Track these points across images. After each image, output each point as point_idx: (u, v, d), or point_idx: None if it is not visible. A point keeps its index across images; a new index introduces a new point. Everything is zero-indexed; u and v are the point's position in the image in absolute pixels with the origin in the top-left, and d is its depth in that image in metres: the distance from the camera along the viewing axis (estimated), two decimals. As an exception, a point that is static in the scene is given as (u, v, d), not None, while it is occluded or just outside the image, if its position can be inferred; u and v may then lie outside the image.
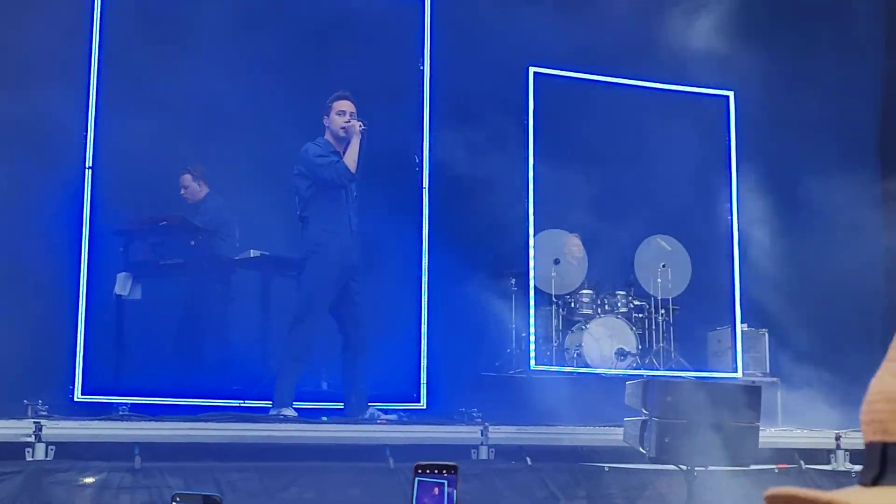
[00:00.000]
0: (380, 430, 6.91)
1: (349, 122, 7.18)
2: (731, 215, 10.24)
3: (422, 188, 8.07)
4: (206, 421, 6.79)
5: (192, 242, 8.54)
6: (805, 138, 11.49)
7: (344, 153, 7.20)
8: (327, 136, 7.32)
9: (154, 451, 6.44)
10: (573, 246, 10.64)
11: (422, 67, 8.15)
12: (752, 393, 6.40)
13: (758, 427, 6.33)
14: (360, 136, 7.16)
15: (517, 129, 9.62)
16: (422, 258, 8.28)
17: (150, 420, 6.83)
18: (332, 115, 7.27)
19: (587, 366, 10.09)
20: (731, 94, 10.47)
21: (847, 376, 11.87)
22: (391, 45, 8.89)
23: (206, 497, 2.34)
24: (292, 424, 6.77)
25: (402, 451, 6.75)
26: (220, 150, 9.18)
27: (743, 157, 10.48)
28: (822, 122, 11.90)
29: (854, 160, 12.54)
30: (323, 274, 7.24)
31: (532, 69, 9.63)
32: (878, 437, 0.90)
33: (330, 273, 7.17)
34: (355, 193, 7.31)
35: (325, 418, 7.23)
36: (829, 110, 11.82)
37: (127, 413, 7.10)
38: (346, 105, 7.26)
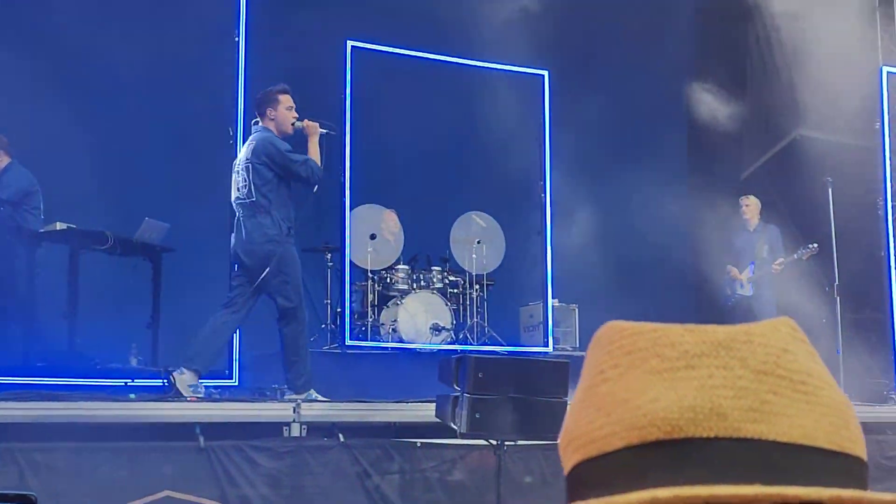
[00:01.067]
0: (189, 407, 6.77)
1: (300, 118, 7.31)
2: (545, 193, 10.41)
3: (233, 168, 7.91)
4: (7, 400, 6.53)
5: (-7, 214, 8.21)
6: (616, 117, 11.81)
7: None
8: (271, 127, 7.30)
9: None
10: (390, 221, 10.66)
11: (237, 39, 7.98)
12: (561, 369, 6.53)
13: (566, 402, 6.46)
14: (317, 135, 7.29)
15: (335, 103, 9.54)
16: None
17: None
18: (281, 108, 7.28)
19: (402, 341, 10.15)
20: (545, 73, 10.62)
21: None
22: (205, 18, 8.70)
23: (20, 497, 2.23)
24: (98, 403, 6.57)
25: (213, 429, 6.66)
26: (29, 121, 8.84)
27: (557, 136, 10.65)
28: (632, 95, 12.27)
29: (664, 140, 13.00)
30: (297, 260, 7.38)
31: (350, 43, 9.55)
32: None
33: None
34: None
35: (133, 395, 7.06)
36: (640, 79, 12.22)
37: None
38: (291, 100, 7.32)
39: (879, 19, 12.99)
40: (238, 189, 7.28)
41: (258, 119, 7.41)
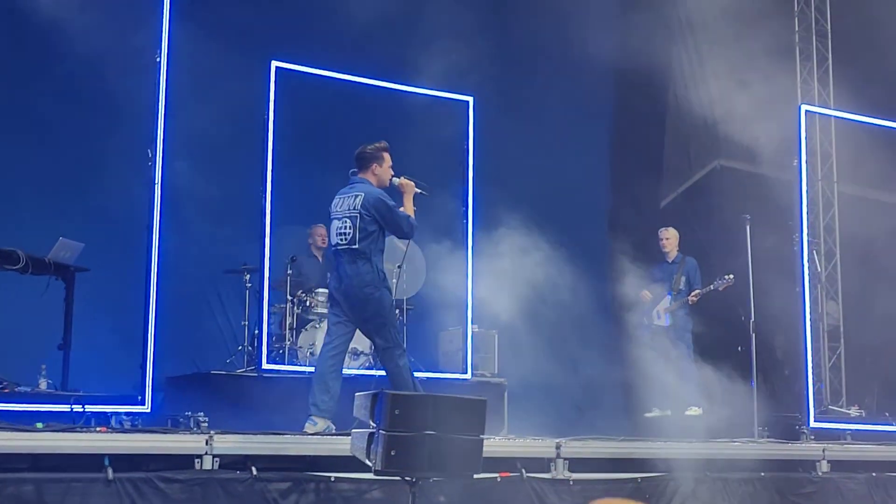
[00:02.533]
0: (98, 438, 6.61)
1: (399, 177, 7.92)
2: (467, 220, 10.39)
3: (154, 183, 7.77)
4: None
5: None
6: (539, 143, 11.86)
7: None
8: (373, 181, 7.88)
9: None
10: (317, 237, 10.65)
11: (158, 59, 7.83)
12: (478, 407, 6.49)
13: (482, 440, 6.44)
14: (412, 193, 7.93)
15: (259, 124, 9.43)
16: (151, 251, 7.94)
17: None
18: (385, 165, 7.91)
19: (320, 365, 10.04)
20: (471, 98, 10.60)
21: (575, 381, 12.38)
22: (126, 34, 8.55)
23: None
24: (2, 433, 6.38)
25: (123, 461, 6.52)
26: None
27: (481, 162, 10.64)
28: (555, 122, 12.35)
29: (586, 166, 13.08)
30: (393, 303, 8.00)
31: (274, 63, 9.46)
32: None
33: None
34: None
35: (39, 424, 6.87)
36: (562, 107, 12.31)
37: None
38: (390, 158, 7.95)
39: (798, 56, 13.23)
40: (340, 235, 7.81)
41: (357, 171, 7.96)
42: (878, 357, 12.59)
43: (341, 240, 7.80)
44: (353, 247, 7.73)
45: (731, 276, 10.57)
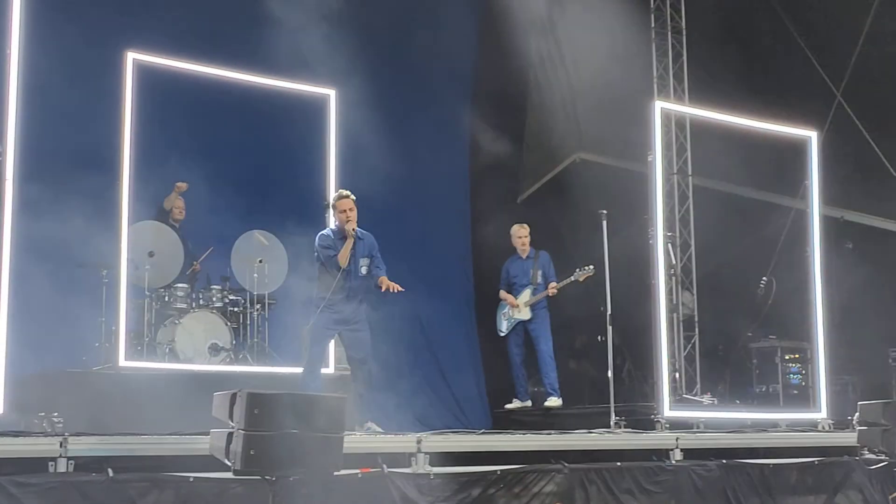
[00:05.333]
0: (-54, 442, 6.43)
1: (348, 221, 8.83)
2: (326, 213, 10.35)
3: (3, 179, 7.52)
4: None
5: None
6: (400, 137, 11.90)
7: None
8: (333, 225, 9.04)
9: None
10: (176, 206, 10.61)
11: (9, 51, 7.58)
12: (338, 405, 6.50)
13: (342, 437, 6.45)
14: (352, 238, 8.77)
15: (115, 117, 9.24)
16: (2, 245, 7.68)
17: None
18: (337, 212, 8.92)
19: (180, 361, 9.93)
20: (332, 92, 10.57)
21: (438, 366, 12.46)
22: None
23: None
24: None
25: (-28, 465, 6.34)
26: None
27: (347, 152, 10.61)
28: (418, 120, 12.42)
29: (447, 154, 13.19)
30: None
31: (131, 55, 9.27)
32: None
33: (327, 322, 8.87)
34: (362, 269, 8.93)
35: None
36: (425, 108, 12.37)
37: None
38: (347, 203, 8.91)
39: (654, 51, 13.52)
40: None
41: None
42: (729, 345, 13.00)
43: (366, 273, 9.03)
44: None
45: (592, 267, 10.76)
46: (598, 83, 13.20)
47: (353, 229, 8.85)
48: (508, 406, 11.53)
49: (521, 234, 11.44)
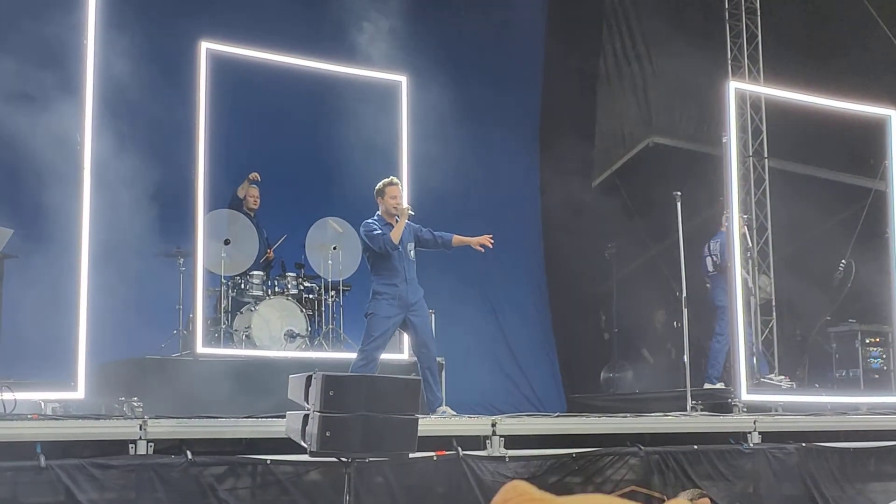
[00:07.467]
0: (30, 426, 6.54)
1: (399, 203, 8.82)
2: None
3: (82, 168, 7.67)
4: None
5: None
6: (475, 122, 11.90)
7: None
8: (381, 211, 8.84)
9: None
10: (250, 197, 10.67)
11: (85, 41, 7.72)
12: (412, 387, 6.53)
13: (417, 419, 6.47)
14: (406, 216, 8.72)
15: (191, 106, 9.35)
16: (82, 236, 7.81)
17: None
18: (387, 198, 8.80)
19: (256, 348, 10.02)
20: (403, 78, 10.57)
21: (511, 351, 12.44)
22: (53, 16, 8.42)
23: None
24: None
25: (55, 448, 6.45)
26: None
27: (418, 141, 10.61)
28: (489, 108, 12.41)
29: (518, 140, 13.16)
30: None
31: (204, 45, 9.37)
32: None
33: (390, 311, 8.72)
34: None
35: (-31, 413, 6.79)
36: (495, 97, 12.34)
37: None
38: (396, 190, 8.89)
39: (728, 33, 13.34)
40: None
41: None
42: (807, 330, 12.80)
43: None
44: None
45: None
46: (671, 66, 13.09)
47: (407, 207, 8.80)
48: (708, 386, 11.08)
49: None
